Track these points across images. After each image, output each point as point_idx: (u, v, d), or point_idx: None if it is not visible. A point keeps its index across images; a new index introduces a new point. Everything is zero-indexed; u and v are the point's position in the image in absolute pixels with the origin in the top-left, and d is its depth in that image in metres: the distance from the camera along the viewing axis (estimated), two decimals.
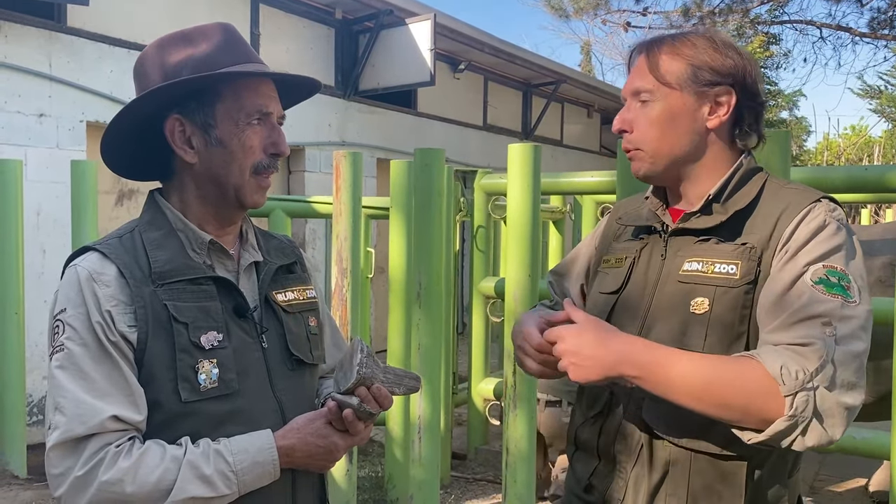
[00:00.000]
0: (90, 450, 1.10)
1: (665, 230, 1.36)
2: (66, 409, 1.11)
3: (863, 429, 3.36)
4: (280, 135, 1.28)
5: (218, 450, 1.16)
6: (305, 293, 1.39)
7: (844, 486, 4.43)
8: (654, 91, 1.31)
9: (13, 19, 5.23)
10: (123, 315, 1.15)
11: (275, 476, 1.20)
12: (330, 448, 1.23)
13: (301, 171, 7.65)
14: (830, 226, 1.22)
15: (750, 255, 1.24)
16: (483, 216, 4.83)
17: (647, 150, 1.33)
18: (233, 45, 1.26)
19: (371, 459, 4.77)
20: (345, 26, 8.08)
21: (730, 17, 12.37)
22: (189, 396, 1.17)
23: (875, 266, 3.72)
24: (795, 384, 1.10)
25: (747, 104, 1.32)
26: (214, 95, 1.23)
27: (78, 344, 1.13)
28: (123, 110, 1.23)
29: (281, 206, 4.47)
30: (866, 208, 9.61)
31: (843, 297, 1.16)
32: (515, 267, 3.29)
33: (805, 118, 26.51)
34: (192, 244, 1.25)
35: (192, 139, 1.24)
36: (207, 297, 1.22)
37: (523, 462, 3.28)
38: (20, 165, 4.63)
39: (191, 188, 1.27)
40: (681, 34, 1.35)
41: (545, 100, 11.48)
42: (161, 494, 1.10)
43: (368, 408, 1.20)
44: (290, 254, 1.41)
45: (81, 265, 1.18)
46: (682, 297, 1.28)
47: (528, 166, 3.25)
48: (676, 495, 1.27)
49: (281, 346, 1.30)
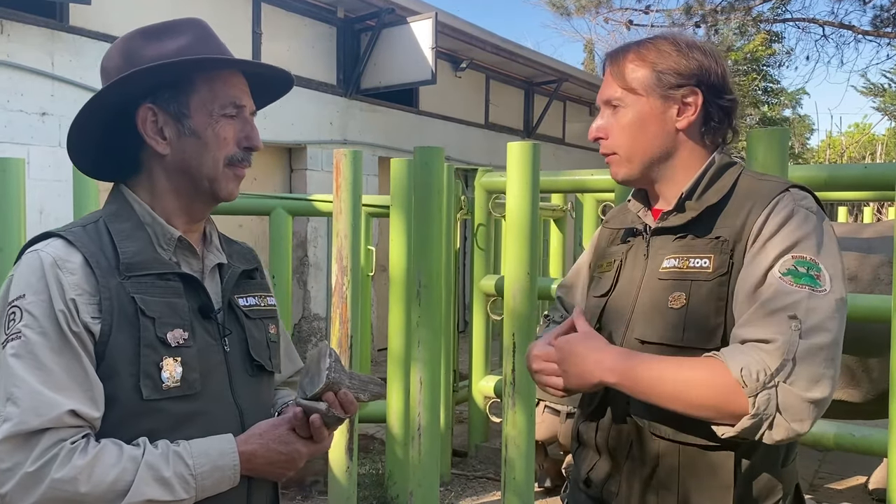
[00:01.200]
0: (43, 445, 1.04)
1: (647, 231, 1.40)
2: (21, 400, 1.04)
3: (862, 426, 3.37)
4: (253, 128, 1.27)
5: (178, 452, 1.12)
6: (266, 300, 1.37)
7: (844, 484, 4.43)
8: (623, 98, 1.36)
9: (15, 18, 5.25)
10: (88, 305, 1.10)
11: (234, 482, 1.16)
12: (292, 456, 1.21)
13: (303, 169, 7.67)
14: (798, 215, 1.24)
15: (722, 248, 1.27)
16: (484, 214, 4.83)
17: (622, 154, 1.38)
18: (206, 40, 1.24)
19: (372, 456, 4.78)
20: (346, 25, 8.09)
21: (732, 15, 12.36)
22: (150, 394, 1.12)
23: (873, 264, 3.72)
24: (757, 385, 1.14)
25: (714, 102, 1.34)
26: (189, 85, 1.21)
27: (37, 332, 1.07)
28: (91, 101, 1.20)
29: (282, 205, 4.48)
30: (869, 206, 9.60)
31: (811, 287, 1.18)
32: (514, 265, 3.30)
33: (808, 116, 26.51)
34: (160, 239, 1.22)
35: (164, 129, 1.21)
36: (174, 293, 1.19)
37: (522, 459, 3.29)
38: (22, 164, 4.64)
39: (161, 181, 1.23)
40: (645, 40, 1.38)
41: (547, 98, 11.48)
42: (116, 496, 1.06)
43: (336, 413, 1.18)
44: (251, 260, 1.39)
45: (45, 251, 1.12)
46: (662, 294, 1.31)
47: (527, 164, 3.26)
48: (668, 487, 1.30)
49: (242, 351, 1.27)
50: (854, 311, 3.06)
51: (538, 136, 11.46)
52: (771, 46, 15.04)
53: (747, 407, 1.14)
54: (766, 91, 17.53)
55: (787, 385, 1.14)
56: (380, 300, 7.74)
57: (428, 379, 3.51)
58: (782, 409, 1.14)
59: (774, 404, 1.14)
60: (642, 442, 1.33)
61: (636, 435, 1.34)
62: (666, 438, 1.29)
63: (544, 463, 4.18)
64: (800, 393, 1.14)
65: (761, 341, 1.16)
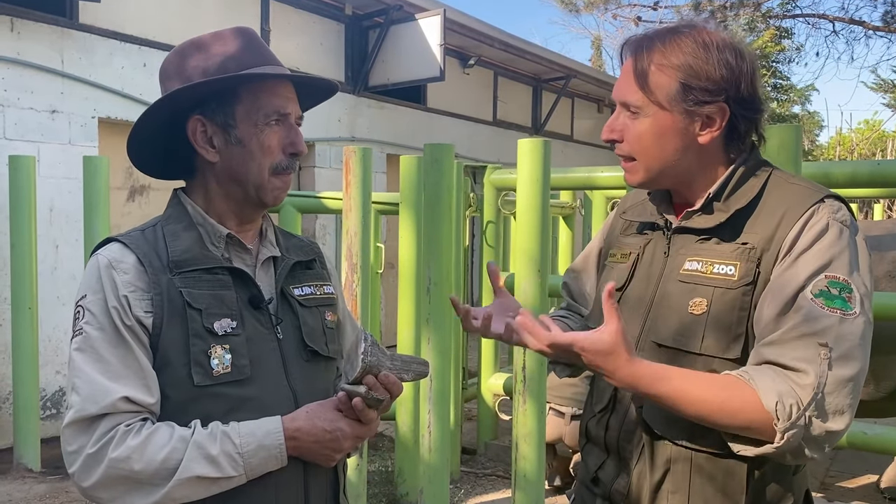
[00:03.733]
0: (102, 429, 1.15)
1: (668, 227, 1.35)
2: (81, 389, 1.16)
3: (874, 425, 3.35)
4: (298, 135, 1.32)
5: (226, 431, 1.18)
6: (323, 289, 1.42)
7: (856, 483, 4.41)
8: (643, 108, 1.27)
9: (25, 16, 5.26)
10: (140, 301, 1.20)
11: (281, 462, 1.21)
12: (336, 435, 1.24)
13: (311, 166, 7.67)
14: (832, 230, 1.19)
15: (749, 257, 1.22)
16: (493, 211, 4.83)
17: (640, 161, 1.31)
18: (251, 49, 1.30)
19: (381, 454, 4.79)
20: (355, 22, 8.09)
21: (741, 11, 12.30)
22: (202, 380, 1.20)
23: (886, 260, 3.70)
24: (789, 421, 1.12)
25: (742, 115, 1.26)
26: (234, 97, 1.27)
27: (95, 328, 1.18)
28: (145, 113, 1.28)
29: (291, 202, 4.49)
30: (879, 203, 9.55)
31: (843, 311, 1.14)
32: (524, 262, 3.29)
33: (818, 113, 26.36)
34: (211, 237, 1.29)
35: (213, 139, 1.29)
36: (222, 286, 1.26)
37: (533, 456, 3.29)
38: (33, 161, 4.66)
39: (213, 186, 1.32)
40: (671, 34, 1.27)
41: (555, 95, 11.45)
42: (167, 473, 1.14)
43: (376, 395, 1.21)
44: (309, 252, 1.45)
45: (103, 254, 1.24)
46: (681, 297, 1.27)
47: (537, 161, 3.25)
48: (679, 493, 1.27)
49: (296, 338, 1.33)
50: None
51: (546, 132, 11.43)
52: (780, 42, 14.95)
53: (774, 436, 1.13)
54: (775, 87, 17.43)
55: (816, 419, 1.12)
56: (389, 297, 7.74)
57: (438, 376, 3.51)
58: (807, 439, 1.13)
59: (800, 436, 1.12)
60: (654, 446, 1.30)
61: (648, 438, 1.31)
62: (680, 444, 1.27)
63: (553, 462, 4.18)
64: (823, 425, 1.12)
65: (790, 368, 1.14)
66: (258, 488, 1.21)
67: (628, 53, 1.30)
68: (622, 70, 1.32)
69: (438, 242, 3.48)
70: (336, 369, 1.43)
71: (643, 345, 1.32)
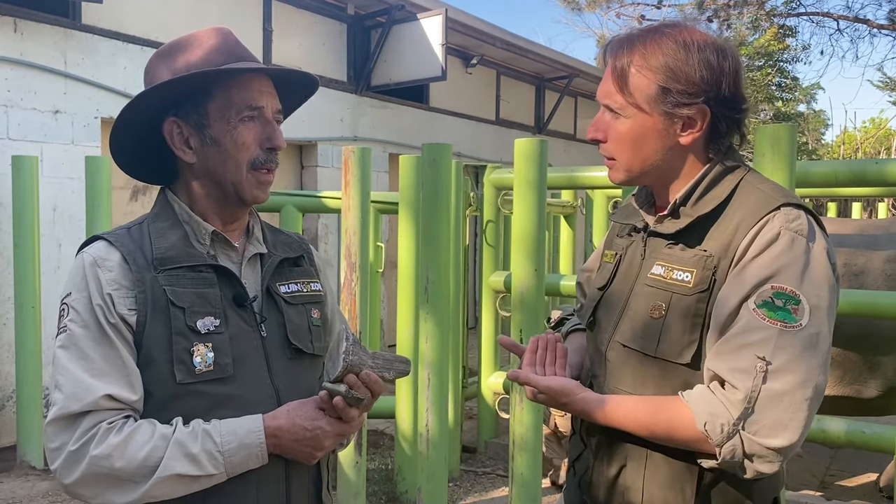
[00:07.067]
0: (84, 426, 1.16)
1: (645, 230, 1.37)
2: (65, 387, 1.17)
3: (873, 423, 3.35)
4: (274, 129, 1.30)
5: (206, 430, 1.18)
6: (309, 286, 1.41)
7: (855, 481, 4.41)
8: (623, 109, 1.28)
9: (28, 17, 5.29)
10: (124, 299, 1.21)
11: (262, 460, 1.22)
12: (317, 433, 1.24)
13: (313, 166, 7.69)
14: (783, 239, 1.17)
15: (706, 264, 1.22)
16: (493, 211, 4.84)
17: (621, 161, 1.32)
18: (226, 48, 1.28)
19: (381, 452, 4.80)
20: (357, 22, 8.10)
21: (745, 10, 12.27)
22: (184, 378, 1.20)
23: (881, 260, 3.70)
24: (721, 437, 1.14)
25: (724, 114, 1.26)
26: (206, 96, 1.26)
27: (79, 325, 1.19)
28: (119, 119, 1.29)
29: (291, 202, 4.51)
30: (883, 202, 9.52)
31: (784, 323, 1.13)
32: (521, 261, 3.30)
33: (823, 111, 26.24)
34: (196, 235, 1.29)
35: (189, 139, 1.28)
36: (206, 284, 1.26)
37: (529, 454, 3.30)
38: (36, 161, 4.70)
39: (194, 186, 1.32)
40: (653, 34, 1.27)
41: (558, 94, 11.44)
42: (148, 471, 1.14)
43: (356, 394, 1.22)
44: (296, 248, 1.43)
45: (88, 252, 1.25)
46: (646, 300, 1.29)
47: (534, 161, 3.26)
48: (633, 488, 1.30)
49: (280, 336, 1.32)
50: (861, 308, 3.06)
51: (549, 132, 11.43)
52: (784, 41, 14.89)
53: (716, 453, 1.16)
54: (779, 86, 17.37)
55: (748, 433, 1.13)
56: (390, 296, 7.76)
57: (436, 375, 3.52)
58: (748, 454, 1.14)
59: (741, 452, 1.14)
60: (612, 442, 1.33)
61: (606, 434, 1.33)
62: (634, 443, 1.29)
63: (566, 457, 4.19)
64: (760, 441, 1.13)
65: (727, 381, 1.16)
66: (240, 485, 1.22)
67: (610, 54, 1.31)
68: (605, 71, 1.33)
69: (437, 242, 3.50)
70: (322, 367, 1.43)
71: (613, 346, 1.35)
